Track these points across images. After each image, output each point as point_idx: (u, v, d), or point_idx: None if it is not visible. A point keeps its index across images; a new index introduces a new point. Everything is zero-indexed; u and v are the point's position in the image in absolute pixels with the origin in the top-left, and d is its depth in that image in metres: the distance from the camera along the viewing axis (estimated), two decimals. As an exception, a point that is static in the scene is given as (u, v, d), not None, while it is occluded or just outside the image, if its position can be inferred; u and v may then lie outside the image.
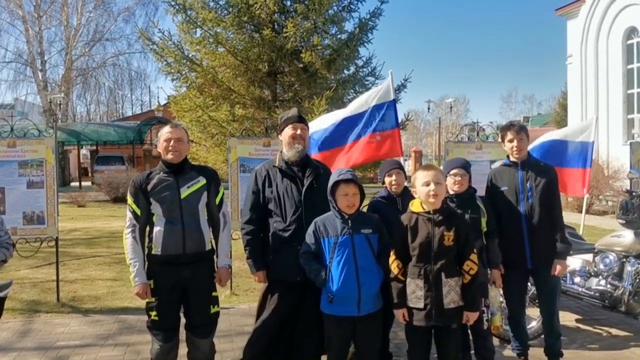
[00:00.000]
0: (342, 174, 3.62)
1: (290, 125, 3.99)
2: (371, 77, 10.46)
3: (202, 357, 3.90)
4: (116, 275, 8.09)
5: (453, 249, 3.42)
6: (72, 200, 19.46)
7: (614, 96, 19.66)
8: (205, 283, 3.81)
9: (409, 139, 68.57)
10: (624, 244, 5.32)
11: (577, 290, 5.54)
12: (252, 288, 6.92)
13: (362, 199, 3.65)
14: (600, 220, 13.38)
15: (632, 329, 5.47)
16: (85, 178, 32.11)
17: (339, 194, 3.58)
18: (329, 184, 3.64)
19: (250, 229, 3.95)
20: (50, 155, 6.32)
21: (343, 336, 3.60)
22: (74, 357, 4.91)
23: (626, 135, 19.01)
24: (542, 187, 4.17)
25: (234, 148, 6.66)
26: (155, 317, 3.76)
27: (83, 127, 32.57)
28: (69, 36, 32.15)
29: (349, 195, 3.56)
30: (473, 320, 3.49)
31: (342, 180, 3.58)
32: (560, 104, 37.68)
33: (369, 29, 10.01)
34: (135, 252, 3.72)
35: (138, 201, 3.75)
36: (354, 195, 3.58)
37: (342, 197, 3.57)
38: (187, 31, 9.82)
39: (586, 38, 20.59)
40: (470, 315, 3.47)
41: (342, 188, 3.58)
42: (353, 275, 3.49)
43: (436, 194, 3.41)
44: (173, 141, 3.72)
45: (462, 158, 4.60)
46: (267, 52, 9.43)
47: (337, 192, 3.59)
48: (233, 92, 9.82)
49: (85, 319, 6.03)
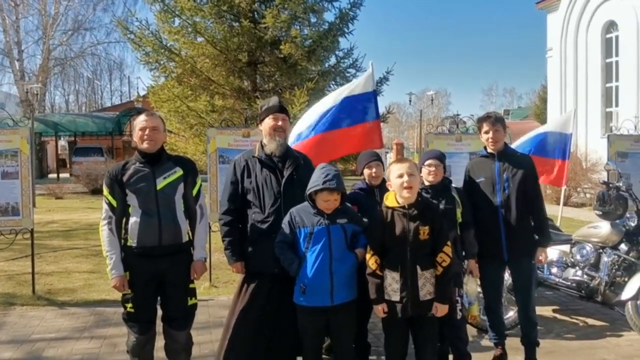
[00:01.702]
0: (327, 180, 3.50)
1: (271, 116, 3.93)
2: (352, 69, 10.45)
3: (179, 349, 3.86)
4: (93, 268, 7.99)
5: (428, 243, 3.43)
6: (49, 192, 19.22)
7: (593, 90, 19.90)
8: (182, 275, 3.76)
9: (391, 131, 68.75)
10: (601, 235, 5.39)
11: (554, 280, 5.60)
12: (232, 280, 6.88)
13: (343, 200, 3.63)
14: (578, 212, 13.55)
15: (608, 318, 5.54)
16: (63, 170, 31.68)
17: (320, 198, 3.54)
18: (311, 185, 3.56)
19: (228, 219, 3.90)
20: (25, 146, 6.20)
21: (317, 327, 3.59)
22: (49, 350, 4.84)
23: (604, 128, 19.25)
24: (519, 179, 4.18)
25: (212, 139, 6.59)
26: (131, 310, 3.71)
27: (61, 118, 32.13)
28: (47, 25, 31.63)
29: (330, 202, 3.54)
30: (442, 312, 3.47)
31: (327, 188, 3.51)
32: (540, 97, 37.98)
33: (350, 20, 9.97)
34: (111, 244, 3.66)
35: (114, 192, 3.68)
36: (335, 201, 3.56)
37: (323, 202, 3.54)
38: (165, 20, 9.68)
39: (566, 32, 20.78)
40: (439, 306, 3.45)
41: (325, 195, 3.53)
42: (326, 265, 3.48)
43: (410, 185, 3.40)
44: (148, 130, 3.65)
45: (437, 150, 4.62)
46: (247, 42, 9.34)
47: (319, 195, 3.54)
48: (212, 82, 9.72)
49: (61, 312, 5.95)
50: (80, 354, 4.76)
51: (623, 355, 4.65)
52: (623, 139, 7.58)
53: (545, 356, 4.52)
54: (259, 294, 3.84)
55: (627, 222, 5.34)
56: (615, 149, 7.43)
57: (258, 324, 3.83)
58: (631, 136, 7.63)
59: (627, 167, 7.20)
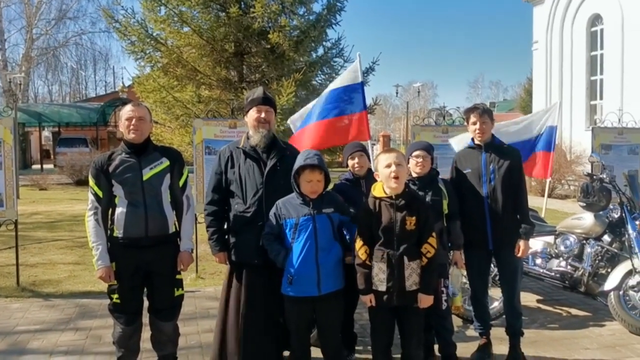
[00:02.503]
0: (308, 158, 3.56)
1: (254, 108, 3.90)
2: (339, 59, 10.39)
3: (166, 340, 3.86)
4: (78, 259, 7.94)
5: (415, 233, 3.44)
6: (33, 183, 19.04)
7: (578, 82, 20.07)
8: (168, 266, 3.75)
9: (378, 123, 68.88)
10: (584, 226, 5.45)
11: (538, 271, 5.66)
12: (218, 271, 6.87)
13: (327, 183, 3.63)
14: (562, 204, 13.69)
15: (591, 309, 5.61)
16: (47, 160, 31.35)
17: (303, 179, 3.55)
18: (294, 169, 3.59)
19: (213, 210, 3.89)
20: (8, 136, 6.12)
21: (304, 318, 3.60)
22: (33, 342, 4.81)
23: (589, 120, 19.43)
24: (505, 170, 4.20)
25: (199, 129, 6.55)
26: (117, 300, 3.69)
27: (45, 108, 31.76)
28: (30, 14, 31.20)
29: (312, 182, 3.54)
30: (427, 303, 3.47)
31: (307, 165, 3.54)
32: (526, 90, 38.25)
33: (337, 10, 9.91)
34: (97, 234, 3.63)
35: (99, 183, 3.65)
36: (318, 182, 3.55)
37: (306, 183, 3.54)
38: (151, 9, 9.55)
39: (552, 25, 20.90)
40: (423, 297, 3.45)
41: (306, 174, 3.54)
42: (312, 255, 3.49)
43: (397, 175, 3.41)
44: (135, 120, 3.62)
45: (424, 141, 4.62)
46: (234, 32, 9.25)
47: (302, 177, 3.56)
48: (198, 73, 9.63)
49: (45, 304, 5.90)
50: (65, 345, 4.73)
51: (605, 345, 4.72)
52: (607, 132, 7.67)
53: (529, 346, 4.57)
54: (245, 286, 3.83)
55: (610, 214, 5.40)
56: (599, 141, 7.52)
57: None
58: (615, 129, 7.72)
59: (610, 159, 7.30)
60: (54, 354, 4.55)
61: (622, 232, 5.25)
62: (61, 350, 4.63)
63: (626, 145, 7.65)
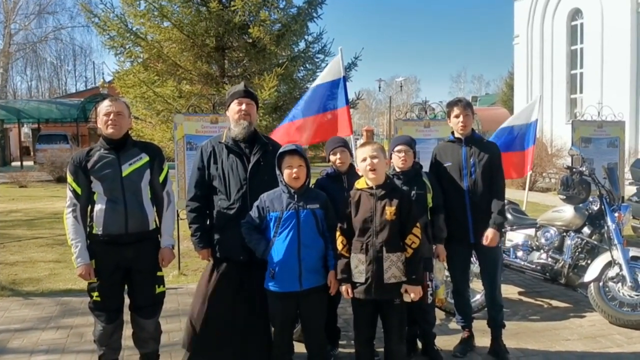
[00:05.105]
0: (286, 147, 3.62)
1: (235, 101, 3.89)
2: (321, 54, 10.36)
3: (148, 337, 3.83)
4: (58, 257, 7.85)
5: (395, 223, 3.43)
6: (12, 180, 18.75)
7: (558, 76, 20.26)
8: (149, 263, 3.72)
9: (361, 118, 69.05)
10: (564, 218, 5.51)
11: (519, 263, 5.71)
12: (201, 268, 6.82)
13: (308, 173, 3.63)
14: (543, 197, 13.82)
15: (572, 300, 5.68)
16: (26, 157, 30.98)
17: (284, 166, 3.56)
18: (276, 158, 3.61)
19: (195, 206, 3.85)
20: (-16, 132, 6.01)
21: (287, 313, 3.59)
22: (13, 341, 4.74)
23: (569, 114, 19.65)
24: (485, 163, 4.22)
25: (180, 125, 6.48)
26: (98, 298, 3.65)
27: (24, 105, 31.26)
28: (8, 9, 30.75)
29: (293, 167, 3.53)
30: (416, 294, 3.45)
31: (286, 152, 3.56)
32: (508, 84, 38.56)
33: (318, 4, 9.89)
34: (77, 232, 3.58)
35: (78, 179, 3.60)
36: (299, 167, 3.55)
37: (287, 169, 3.55)
38: (131, 3, 9.42)
39: (532, 19, 21.06)
40: (411, 288, 3.43)
41: (286, 160, 3.56)
42: (295, 250, 3.48)
43: (373, 167, 3.44)
44: (113, 115, 3.58)
45: (406, 135, 4.63)
46: (215, 27, 9.17)
47: (283, 165, 3.57)
48: (179, 68, 9.54)
49: (25, 302, 5.82)
50: (46, 344, 4.67)
51: (585, 336, 4.77)
52: (587, 125, 7.75)
53: (510, 337, 4.61)
54: (229, 281, 3.80)
55: (590, 206, 5.46)
56: (579, 134, 7.60)
57: (231, 316, 3.78)
58: (594, 122, 7.81)
59: (590, 152, 7.38)
60: (34, 353, 4.49)
61: (602, 224, 5.31)
62: (42, 349, 4.58)
63: (606, 138, 7.74)
